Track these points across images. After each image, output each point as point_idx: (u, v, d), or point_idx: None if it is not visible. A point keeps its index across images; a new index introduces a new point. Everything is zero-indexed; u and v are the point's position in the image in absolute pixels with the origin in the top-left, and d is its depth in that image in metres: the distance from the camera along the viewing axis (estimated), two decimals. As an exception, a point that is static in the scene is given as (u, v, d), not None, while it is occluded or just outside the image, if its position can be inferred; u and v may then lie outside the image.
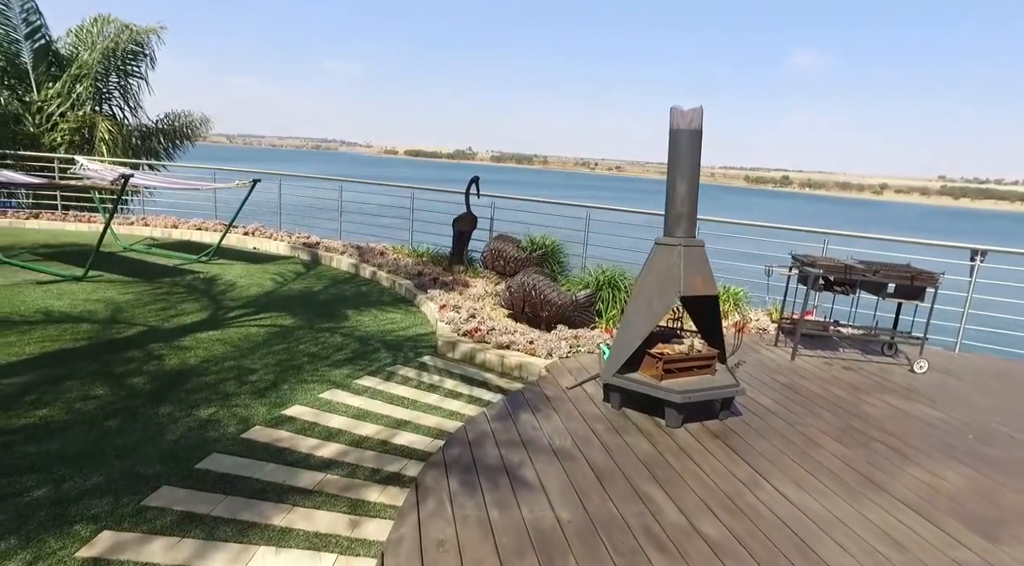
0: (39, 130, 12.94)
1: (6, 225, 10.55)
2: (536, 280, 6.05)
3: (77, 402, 4.06)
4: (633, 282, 6.40)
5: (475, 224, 8.57)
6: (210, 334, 5.62)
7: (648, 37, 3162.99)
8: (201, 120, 15.09)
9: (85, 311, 6.04)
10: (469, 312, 6.27)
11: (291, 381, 4.70)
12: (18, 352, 4.86)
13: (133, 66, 13.82)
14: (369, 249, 9.44)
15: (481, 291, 7.19)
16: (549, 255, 7.31)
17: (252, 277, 8.06)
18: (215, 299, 6.87)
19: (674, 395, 3.94)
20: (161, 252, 9.18)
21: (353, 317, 6.59)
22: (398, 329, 6.30)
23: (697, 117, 4.09)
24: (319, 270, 8.87)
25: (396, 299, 7.52)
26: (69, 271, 7.40)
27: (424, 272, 8.28)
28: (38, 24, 13.42)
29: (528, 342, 5.57)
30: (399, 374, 5.07)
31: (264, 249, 10.21)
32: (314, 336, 5.85)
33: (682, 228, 4.17)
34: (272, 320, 6.26)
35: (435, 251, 9.17)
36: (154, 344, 5.26)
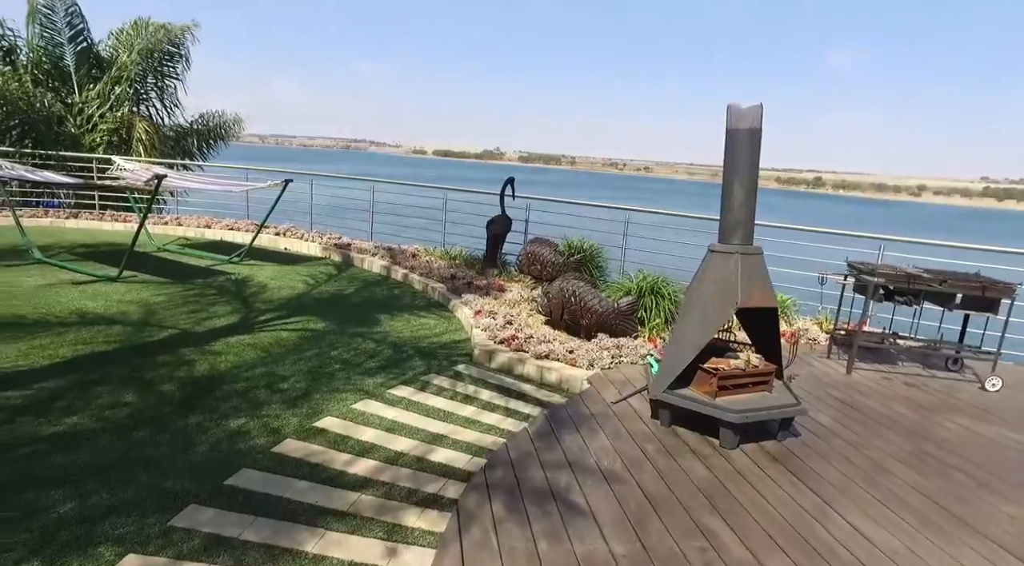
0: (80, 131, 13.12)
1: (47, 224, 10.68)
2: (576, 286, 5.81)
3: (107, 410, 3.94)
4: (677, 289, 6.12)
5: (510, 227, 8.36)
6: (241, 338, 5.50)
7: (676, 34, 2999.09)
8: (234, 120, 15.18)
9: (118, 313, 5.98)
10: (505, 318, 6.05)
11: (323, 390, 4.54)
12: (51, 355, 4.78)
13: (169, 67, 13.96)
14: (401, 251, 9.29)
15: (517, 296, 6.96)
16: (587, 260, 7.05)
17: (283, 279, 7.97)
18: (246, 302, 6.78)
19: (731, 415, 3.66)
20: (193, 252, 9.17)
21: (386, 322, 6.42)
22: (432, 335, 6.11)
23: (756, 115, 3.80)
24: (350, 272, 8.75)
25: (429, 303, 7.34)
26: (104, 272, 7.39)
27: (457, 275, 8.09)
28: (81, 27, 13.62)
29: (568, 352, 5.32)
30: (433, 384, 4.87)
31: (295, 250, 10.15)
32: (346, 341, 5.69)
33: (739, 235, 3.89)
34: (303, 324, 6.13)
35: (468, 254, 8.98)
36: (185, 348, 5.15)
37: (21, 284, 6.76)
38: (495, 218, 8.31)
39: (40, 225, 10.60)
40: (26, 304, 6.04)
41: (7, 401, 3.95)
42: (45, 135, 12.46)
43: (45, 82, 13.33)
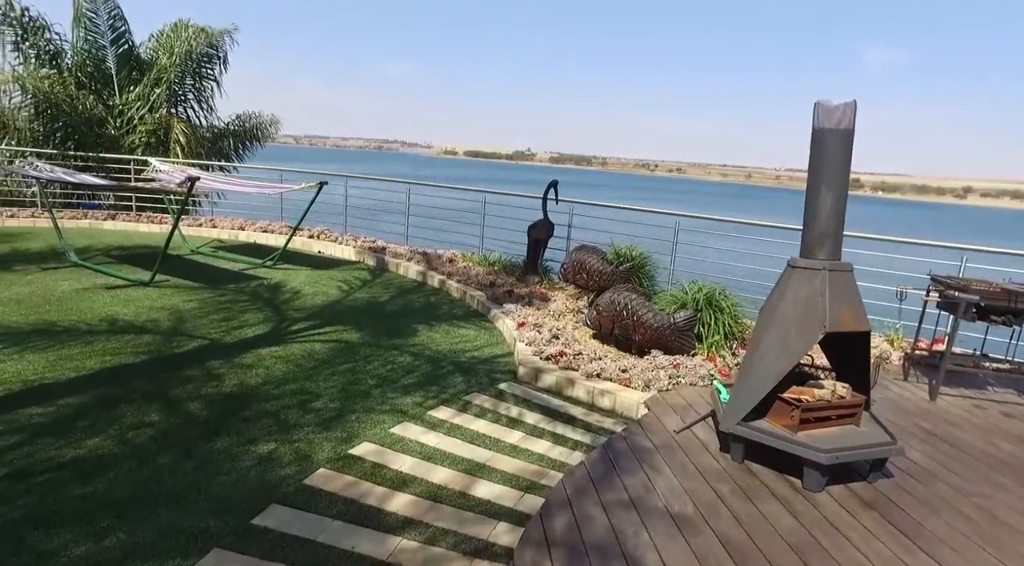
0: (120, 133, 13.17)
1: (86, 226, 10.68)
2: (629, 299, 5.38)
3: (130, 431, 3.67)
4: (735, 302, 5.66)
5: (552, 232, 7.97)
6: (272, 350, 5.22)
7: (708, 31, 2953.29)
8: (270, 121, 15.11)
9: (148, 321, 5.77)
10: (551, 332, 5.66)
11: (358, 410, 4.21)
12: (78, 367, 4.57)
13: (207, 68, 13.93)
14: (437, 256, 8.97)
15: (561, 307, 6.57)
16: (637, 269, 6.61)
17: (317, 284, 7.72)
18: (278, 309, 6.52)
19: (819, 454, 3.21)
20: (227, 256, 9.00)
21: (423, 333, 6.09)
22: (472, 348, 5.75)
23: (848, 114, 3.35)
24: (385, 277, 8.46)
25: (468, 313, 6.99)
26: (137, 276, 7.23)
27: (496, 283, 7.73)
28: (123, 30, 13.69)
29: (620, 371, 4.91)
30: (475, 404, 4.51)
31: (329, 253, 9.93)
32: (382, 355, 5.37)
33: (826, 249, 3.44)
34: (337, 334, 5.84)
35: (507, 260, 8.61)
36: (214, 361, 4.89)
37: (56, 288, 6.63)
38: (537, 223, 7.93)
39: (79, 227, 10.60)
40: (58, 310, 5.88)
41: (30, 419, 3.72)
42: (86, 137, 12.52)
43: (88, 85, 13.42)
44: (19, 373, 4.37)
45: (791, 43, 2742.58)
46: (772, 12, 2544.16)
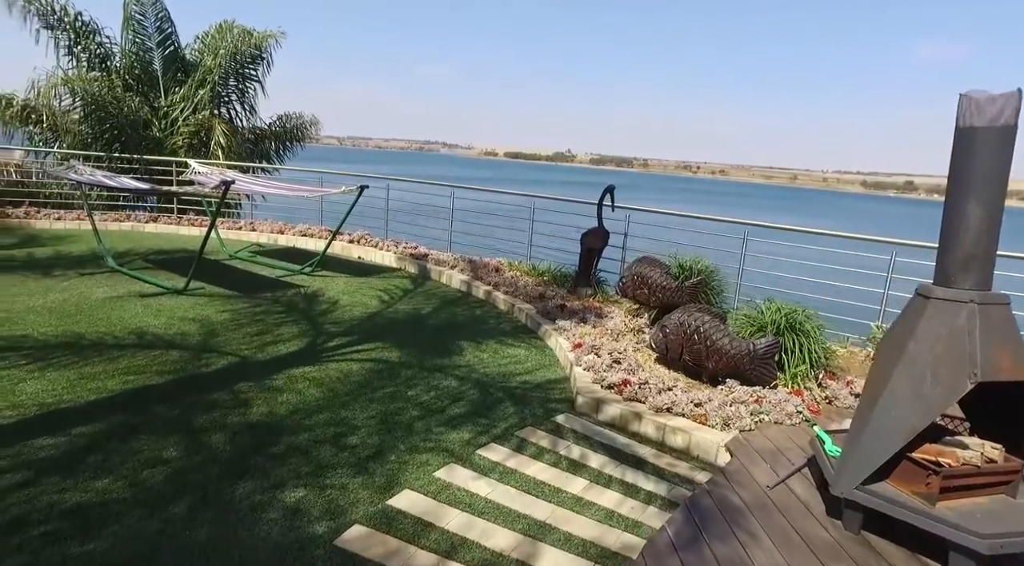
0: (164, 134, 13.12)
1: (128, 228, 10.57)
2: (701, 321, 4.76)
3: (145, 470, 3.25)
4: (820, 325, 4.97)
5: (607, 241, 7.37)
6: (305, 371, 4.78)
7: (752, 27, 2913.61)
8: (311, 121, 14.89)
9: (178, 334, 5.42)
10: (612, 355, 5.07)
11: (398, 448, 3.72)
12: (99, 389, 4.20)
13: (251, 70, 13.79)
14: (482, 264, 8.47)
15: (620, 325, 5.97)
16: (704, 284, 5.96)
17: (356, 294, 7.30)
18: (314, 322, 6.11)
19: (975, 540, 2.55)
20: (264, 261, 8.69)
21: (469, 351, 5.58)
22: (523, 371, 5.21)
23: (1010, 108, 2.68)
24: (428, 287, 8.00)
25: (517, 328, 6.46)
26: (172, 283, 6.93)
27: (546, 295, 7.18)
28: (169, 32, 13.66)
29: (693, 404, 4.30)
30: (531, 442, 3.96)
31: (369, 259, 9.54)
32: (425, 378, 4.88)
33: (974, 275, 2.77)
34: (376, 352, 5.37)
35: (557, 269, 8.05)
36: (242, 382, 4.47)
37: (90, 296, 6.37)
38: (591, 231, 7.35)
39: (122, 229, 10.50)
40: (88, 320, 5.59)
41: (37, 453, 3.34)
42: (132, 139, 12.49)
43: (135, 87, 13.42)
44: (37, 395, 4.03)
45: (838, 40, 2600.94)
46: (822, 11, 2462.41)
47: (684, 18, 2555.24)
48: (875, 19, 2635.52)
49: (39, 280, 6.90)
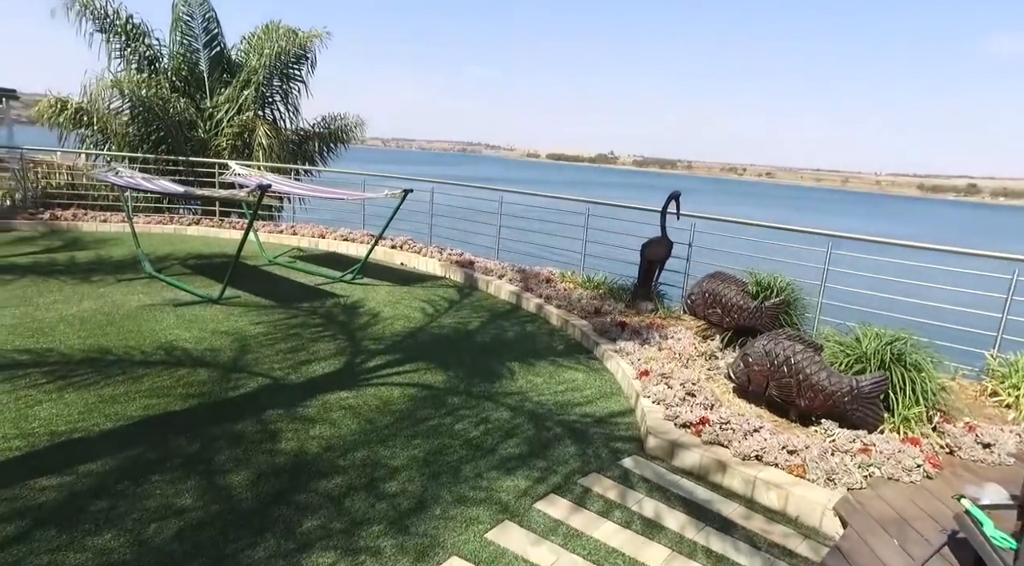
0: (208, 135, 13.02)
1: (171, 231, 10.41)
2: (793, 351, 4.10)
3: (154, 522, 2.81)
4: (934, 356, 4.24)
5: (670, 252, 6.72)
6: (341, 397, 4.31)
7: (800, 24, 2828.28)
8: (356, 123, 14.60)
9: (208, 349, 5.04)
10: (684, 386, 4.45)
11: (443, 499, 3.19)
12: (117, 414, 3.82)
13: (295, 70, 13.58)
14: (533, 274, 7.92)
15: (688, 347, 5.32)
16: (787, 305, 5.26)
17: (398, 305, 6.84)
18: (353, 337, 5.66)
19: None
20: (304, 267, 8.33)
21: (520, 375, 5.04)
22: (582, 400, 4.64)
23: None
24: (474, 298, 7.49)
25: (572, 347, 5.88)
26: (207, 291, 6.60)
27: (603, 310, 6.58)
28: (216, 32, 13.56)
29: (787, 452, 3.65)
30: (596, 494, 3.39)
31: (412, 266, 9.10)
32: (473, 407, 4.36)
33: None
34: (419, 375, 4.88)
35: (613, 281, 7.43)
36: (272, 410, 4.03)
37: (124, 305, 6.09)
38: (653, 240, 6.71)
39: (165, 232, 10.35)
40: (117, 333, 5.27)
41: (37, 497, 2.94)
42: (177, 140, 12.40)
43: (182, 88, 13.37)
44: (50, 421, 3.67)
45: (893, 38, 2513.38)
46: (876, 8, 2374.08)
47: (729, 16, 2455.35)
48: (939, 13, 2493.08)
49: (76, 286, 6.68)
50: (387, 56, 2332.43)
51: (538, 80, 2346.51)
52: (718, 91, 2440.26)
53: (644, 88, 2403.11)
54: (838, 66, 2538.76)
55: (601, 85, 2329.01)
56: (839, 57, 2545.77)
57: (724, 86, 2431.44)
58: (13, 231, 9.57)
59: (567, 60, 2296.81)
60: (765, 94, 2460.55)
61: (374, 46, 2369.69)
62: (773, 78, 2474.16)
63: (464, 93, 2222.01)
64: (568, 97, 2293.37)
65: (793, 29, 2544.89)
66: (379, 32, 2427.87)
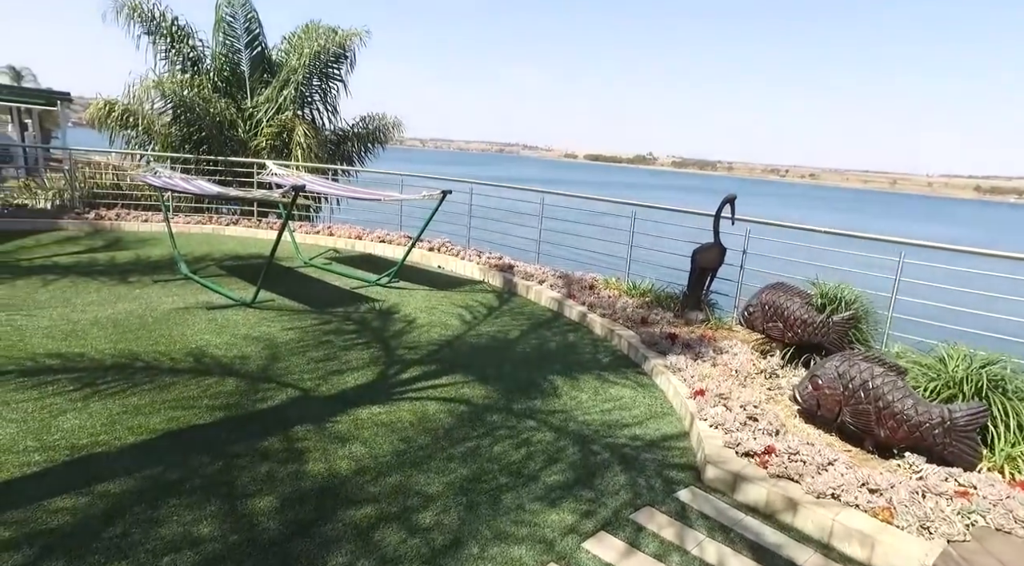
0: (248, 135, 13.04)
1: (210, 231, 10.41)
2: (871, 374, 3.67)
3: (167, 554, 2.58)
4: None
5: (723, 259, 6.29)
6: (373, 412, 4.05)
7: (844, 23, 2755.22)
8: (394, 123, 14.46)
9: (238, 357, 4.85)
10: (744, 408, 4.05)
11: (482, 534, 2.89)
12: (140, 427, 3.63)
13: (334, 69, 13.50)
14: (575, 280, 7.56)
15: (745, 364, 4.91)
16: (858, 319, 4.78)
17: (435, 311, 6.58)
18: (387, 346, 5.41)
19: None
20: (339, 270, 8.16)
21: (564, 390, 4.71)
22: (631, 421, 4.27)
23: None
24: (514, 304, 7.18)
25: (617, 360, 5.52)
26: (241, 295, 6.46)
27: (650, 319, 6.20)
28: (257, 33, 13.59)
29: (868, 490, 3.23)
30: (649, 532, 3.04)
31: (450, 269, 8.85)
32: (513, 426, 4.04)
33: None
34: (456, 388, 4.59)
35: (660, 289, 7.03)
36: (300, 425, 3.79)
37: (157, 307, 5.98)
38: (705, 247, 6.30)
39: (203, 232, 10.35)
40: (148, 337, 5.13)
41: (49, 521, 2.74)
42: (216, 140, 12.45)
43: (224, 88, 13.44)
44: (73, 433, 3.49)
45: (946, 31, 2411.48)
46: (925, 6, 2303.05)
47: (773, 13, 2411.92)
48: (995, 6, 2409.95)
49: (113, 287, 6.62)
50: (427, 57, 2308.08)
51: (578, 81, 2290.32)
52: (759, 91, 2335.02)
53: (682, 88, 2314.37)
54: (886, 64, 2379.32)
55: (639, 85, 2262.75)
56: (887, 55, 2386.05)
57: (766, 86, 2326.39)
58: (60, 230, 9.68)
59: (606, 60, 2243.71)
60: (808, 94, 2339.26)
61: (413, 47, 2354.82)
62: (818, 77, 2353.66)
63: (502, 94, 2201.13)
64: (606, 97, 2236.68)
65: (836, 25, 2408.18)
66: (419, 33, 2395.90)
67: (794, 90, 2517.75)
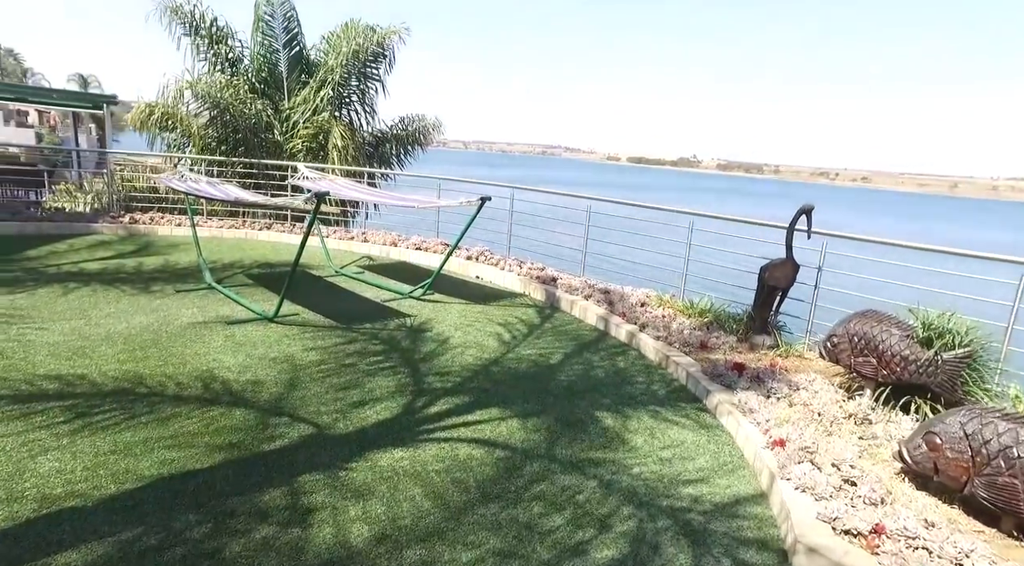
0: (284, 137, 12.78)
1: (242, 236, 10.12)
2: (1016, 439, 2.91)
3: (123, 661, 2.06)
4: None
5: (796, 277, 5.54)
6: (395, 457, 3.49)
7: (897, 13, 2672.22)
8: (434, 124, 14.00)
9: (250, 382, 4.37)
10: (840, 469, 3.33)
11: (519, 641, 2.28)
12: (127, 472, 3.16)
13: (372, 69, 13.12)
14: (624, 295, 6.88)
15: (830, 404, 4.16)
16: (973, 357, 3.99)
17: (470, 328, 6.01)
18: (416, 371, 4.86)
19: None
20: (372, 280, 7.68)
21: (614, 431, 4.06)
22: (694, 474, 3.60)
23: None
24: (556, 321, 6.55)
25: (674, 392, 4.84)
26: (263, 309, 6.02)
27: (710, 343, 5.49)
28: (295, 32, 13.34)
29: (1018, 593, 2.49)
30: (734, 642, 2.37)
31: (488, 279, 8.29)
32: (556, 478, 3.43)
33: None
34: (491, 427, 4.00)
35: (720, 309, 6.30)
36: (309, 475, 3.25)
37: (175, 321, 5.59)
38: (776, 263, 5.55)
39: (236, 237, 10.07)
40: (158, 356, 4.71)
41: (-6, 600, 2.26)
42: (251, 142, 12.20)
43: (261, 89, 13.22)
44: (47, 480, 3.04)
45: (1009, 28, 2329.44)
46: None
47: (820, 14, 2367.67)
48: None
49: (134, 298, 6.28)
50: (469, 58, 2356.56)
51: (623, 81, 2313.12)
52: (807, 91, 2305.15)
53: (727, 88, 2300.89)
54: (943, 60, 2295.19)
55: (683, 86, 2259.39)
56: (943, 51, 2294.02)
57: (814, 85, 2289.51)
58: (95, 234, 9.53)
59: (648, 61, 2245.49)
60: (858, 94, 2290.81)
61: (456, 48, 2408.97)
62: (867, 76, 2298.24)
63: (545, 96, 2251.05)
64: (649, 99, 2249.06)
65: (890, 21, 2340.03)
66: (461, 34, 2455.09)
67: (843, 89, 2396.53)
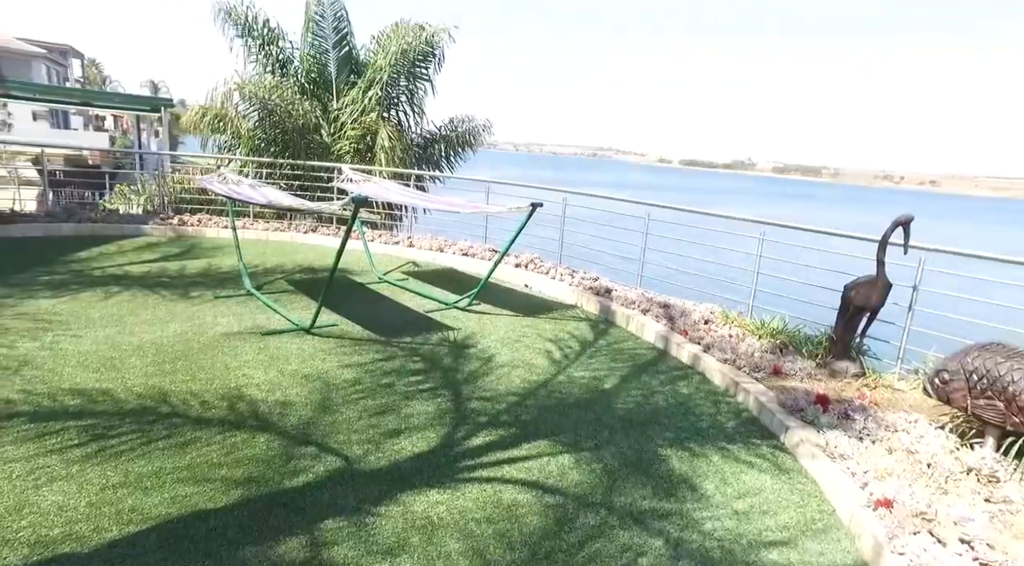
0: (332, 138, 12.64)
1: (287, 240, 9.97)
2: None
3: None
4: None
5: (886, 298, 4.87)
6: (431, 501, 3.07)
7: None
8: (484, 126, 13.64)
9: (279, 403, 4.03)
10: (969, 545, 2.73)
11: None
12: (131, 511, 2.84)
13: (421, 68, 12.85)
14: (686, 311, 6.30)
15: (940, 453, 3.52)
16: None
17: (518, 344, 5.57)
18: (458, 395, 4.43)
19: None
20: (415, 288, 7.32)
21: (680, 474, 3.54)
22: (775, 534, 3.05)
23: None
24: (611, 338, 6.03)
25: (745, 424, 4.26)
26: (300, 318, 5.73)
27: (784, 369, 4.88)
28: (345, 32, 13.20)
29: None
30: None
31: (538, 288, 7.82)
32: (614, 535, 2.94)
33: None
34: (539, 465, 3.53)
35: (794, 329, 5.66)
36: (333, 520, 2.86)
37: (208, 331, 5.34)
38: (864, 281, 4.90)
39: (281, 240, 9.92)
40: (186, 370, 4.45)
41: None
42: (298, 144, 12.08)
43: (310, 90, 13.14)
44: (46, 518, 2.74)
45: None
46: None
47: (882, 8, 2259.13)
48: None
49: (172, 303, 6.10)
50: (520, 59, 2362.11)
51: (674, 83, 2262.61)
52: (867, 90, 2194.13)
53: (783, 88, 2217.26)
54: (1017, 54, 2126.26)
55: (737, 86, 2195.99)
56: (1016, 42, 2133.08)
57: (875, 84, 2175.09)
58: (143, 236, 9.52)
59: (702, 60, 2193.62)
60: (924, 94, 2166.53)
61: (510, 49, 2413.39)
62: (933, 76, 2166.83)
63: (596, 97, 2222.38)
64: (702, 99, 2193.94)
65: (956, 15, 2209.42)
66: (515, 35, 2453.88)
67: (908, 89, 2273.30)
